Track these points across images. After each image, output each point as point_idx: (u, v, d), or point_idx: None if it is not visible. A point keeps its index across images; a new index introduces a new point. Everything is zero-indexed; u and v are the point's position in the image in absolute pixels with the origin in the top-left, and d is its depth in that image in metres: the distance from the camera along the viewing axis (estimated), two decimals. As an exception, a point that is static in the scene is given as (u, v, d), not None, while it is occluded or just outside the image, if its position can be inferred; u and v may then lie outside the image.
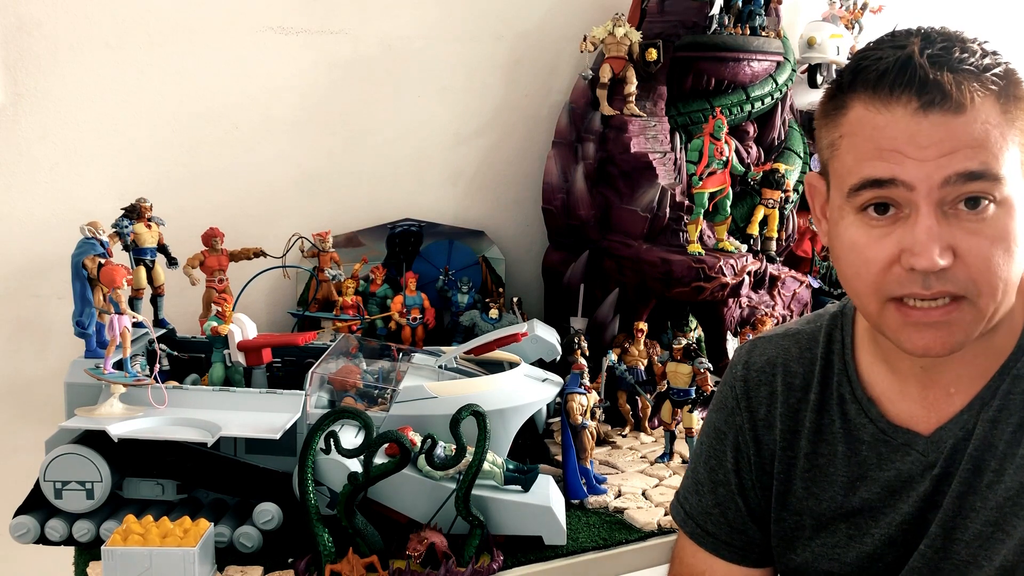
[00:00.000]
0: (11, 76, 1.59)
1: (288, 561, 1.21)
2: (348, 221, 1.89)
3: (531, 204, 2.02)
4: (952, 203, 0.81)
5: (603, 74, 1.80)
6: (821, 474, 0.99)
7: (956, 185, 0.80)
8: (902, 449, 0.94)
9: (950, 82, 0.79)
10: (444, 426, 1.22)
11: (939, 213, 0.81)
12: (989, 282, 0.82)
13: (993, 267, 0.81)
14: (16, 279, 1.66)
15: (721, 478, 1.06)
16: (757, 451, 1.04)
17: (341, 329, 1.70)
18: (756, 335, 1.14)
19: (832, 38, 2.09)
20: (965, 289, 0.82)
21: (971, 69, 0.79)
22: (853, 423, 0.97)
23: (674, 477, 1.54)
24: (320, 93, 1.84)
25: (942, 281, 0.81)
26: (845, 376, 0.99)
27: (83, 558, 1.23)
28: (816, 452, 1.00)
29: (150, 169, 1.72)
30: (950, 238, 0.80)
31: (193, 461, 1.29)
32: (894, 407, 0.96)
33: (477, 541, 1.21)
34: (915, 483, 0.93)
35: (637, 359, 1.71)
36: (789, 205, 1.96)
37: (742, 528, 1.06)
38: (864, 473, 0.96)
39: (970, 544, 0.90)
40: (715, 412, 1.09)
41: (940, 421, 0.92)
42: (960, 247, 0.81)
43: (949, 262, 0.80)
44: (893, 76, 0.81)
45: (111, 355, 1.26)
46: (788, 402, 1.02)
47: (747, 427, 1.04)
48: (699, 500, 1.08)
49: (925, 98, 0.79)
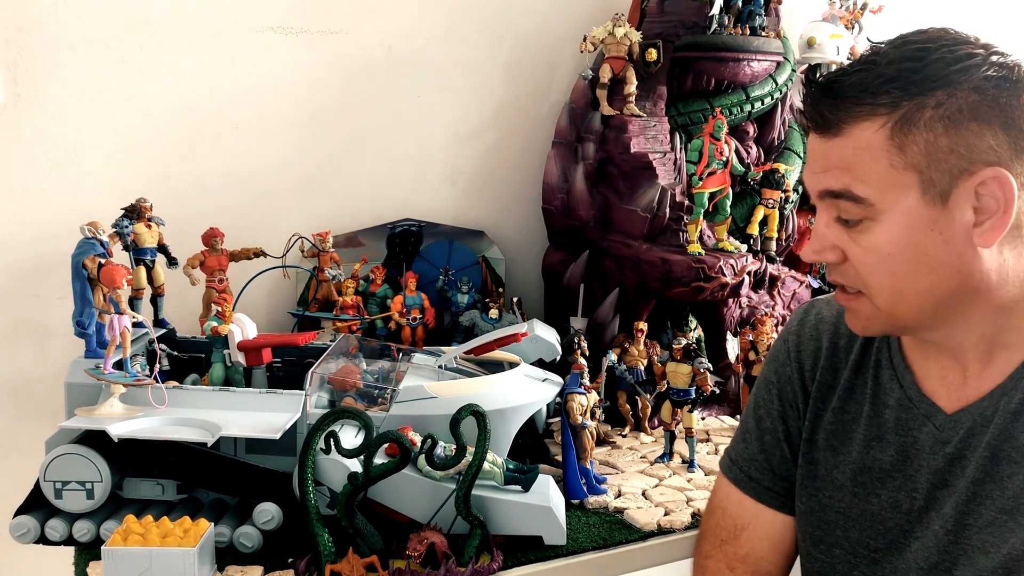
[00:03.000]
0: (11, 76, 1.59)
1: (288, 561, 1.21)
2: (348, 221, 1.89)
3: (531, 204, 2.02)
4: (837, 215, 0.91)
5: (603, 74, 1.80)
6: (843, 429, 1.06)
7: (828, 199, 0.91)
8: (920, 419, 0.99)
9: (825, 113, 0.89)
10: (444, 426, 1.22)
11: (830, 217, 0.93)
12: (876, 285, 0.91)
13: (876, 274, 0.91)
14: (16, 279, 1.66)
15: (768, 426, 1.14)
16: (804, 399, 1.11)
17: (341, 329, 1.70)
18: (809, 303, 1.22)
19: (832, 38, 2.09)
20: (856, 285, 0.94)
21: (854, 94, 0.86)
22: (884, 387, 1.03)
23: (674, 477, 1.54)
24: (320, 93, 1.84)
25: (837, 274, 0.95)
26: (886, 343, 1.05)
27: (83, 558, 1.23)
28: (844, 408, 1.06)
29: (150, 169, 1.72)
30: (838, 240, 0.92)
31: (193, 461, 1.29)
32: (923, 377, 1.01)
33: (477, 541, 1.21)
34: (926, 456, 0.98)
35: (637, 359, 1.71)
36: (789, 205, 1.96)
37: (783, 475, 1.12)
38: (881, 435, 1.02)
39: (982, 530, 0.93)
40: (768, 364, 1.17)
41: (961, 403, 0.97)
42: (846, 250, 0.92)
43: (836, 259, 0.93)
44: (803, 104, 0.93)
45: (111, 355, 1.26)
46: (831, 359, 1.09)
47: (795, 377, 1.12)
48: (745, 448, 1.16)
49: (812, 123, 0.91)
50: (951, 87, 0.84)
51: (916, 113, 0.84)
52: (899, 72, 0.85)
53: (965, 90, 0.83)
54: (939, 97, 0.83)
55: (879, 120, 0.85)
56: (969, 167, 0.84)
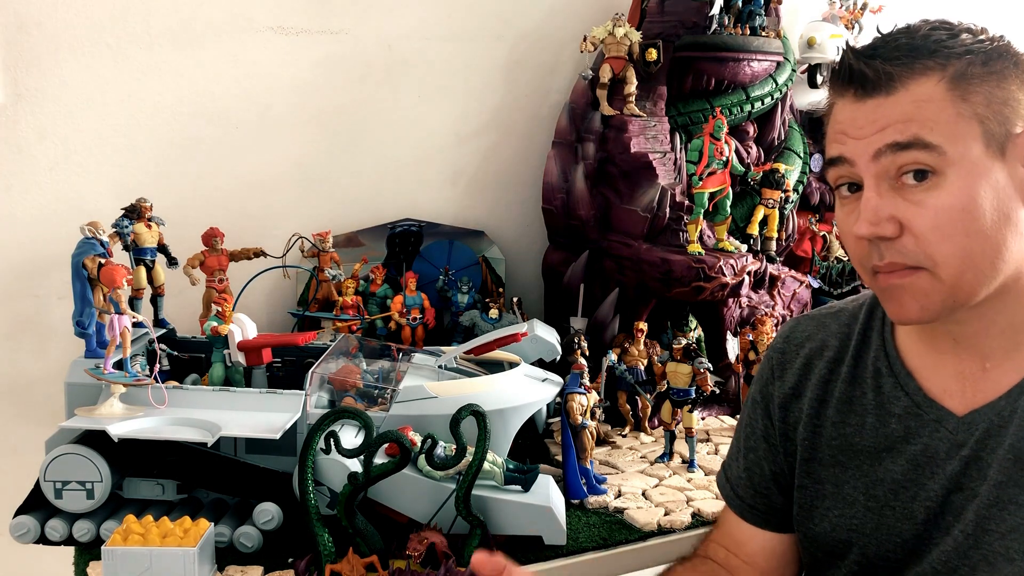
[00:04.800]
0: (11, 76, 1.59)
1: (288, 561, 1.21)
2: (348, 221, 1.89)
3: (531, 204, 2.02)
4: (896, 177, 0.86)
5: (603, 74, 1.80)
6: (847, 444, 1.02)
7: (889, 157, 0.86)
8: (931, 425, 0.96)
9: (879, 70, 0.86)
10: (444, 426, 1.22)
11: (883, 187, 0.87)
12: (942, 252, 0.85)
13: (944, 238, 0.85)
14: (16, 279, 1.66)
15: (752, 444, 1.12)
16: (783, 418, 1.08)
17: (341, 329, 1.70)
18: (799, 315, 1.20)
19: (832, 38, 2.09)
20: (917, 260, 0.86)
21: (904, 55, 0.86)
22: (887, 396, 1.00)
23: (674, 477, 1.54)
24: (320, 93, 1.84)
25: (892, 252, 0.87)
26: (883, 350, 1.02)
27: (83, 558, 1.23)
28: (844, 423, 1.03)
29: (150, 169, 1.72)
30: (893, 209, 0.86)
31: (193, 461, 1.29)
32: (929, 381, 0.98)
33: (477, 541, 1.21)
34: (941, 461, 0.94)
35: (637, 359, 1.71)
36: (789, 205, 1.96)
37: (766, 493, 1.11)
38: (891, 446, 0.98)
39: (1005, 536, 0.89)
40: (754, 383, 1.15)
41: (975, 402, 0.94)
42: (905, 218, 0.86)
43: (893, 232, 0.86)
44: (839, 73, 0.90)
45: (111, 355, 1.26)
46: (820, 374, 1.06)
47: (777, 396, 1.09)
48: (734, 465, 1.15)
49: (858, 87, 0.88)
50: (984, 53, 0.87)
51: (968, 68, 0.86)
52: (938, 37, 0.87)
53: (1001, 53, 0.87)
54: (981, 57, 0.86)
55: (935, 75, 0.86)
56: (1020, 121, 0.86)
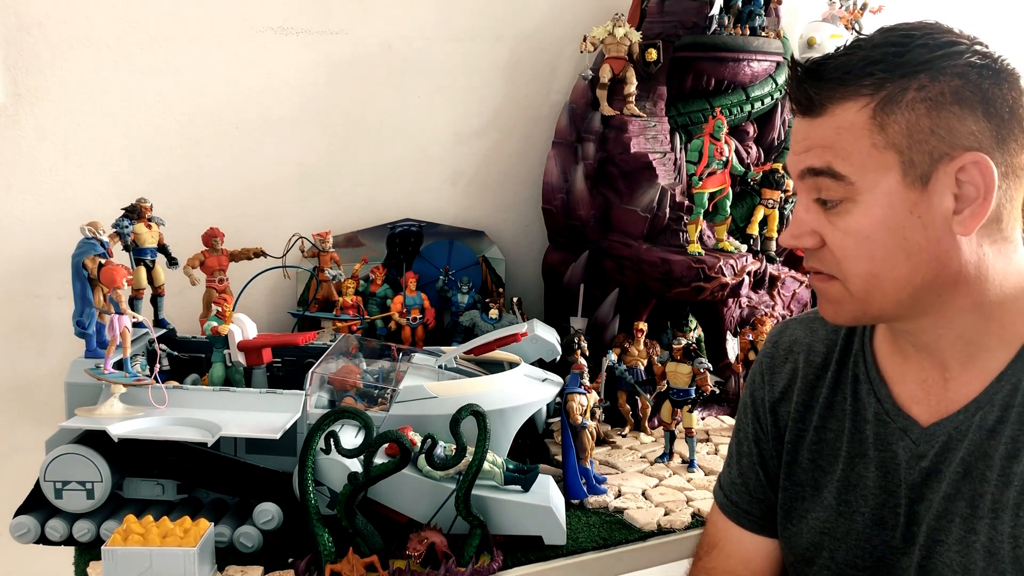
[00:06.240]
0: (11, 76, 1.59)
1: (288, 561, 1.21)
2: (348, 221, 1.89)
3: (531, 204, 2.02)
4: (818, 196, 0.90)
5: (603, 74, 1.80)
6: (827, 448, 1.04)
7: (810, 179, 0.90)
8: (898, 433, 0.97)
9: (813, 89, 0.89)
10: (444, 426, 1.22)
11: (809, 201, 0.92)
12: (850, 271, 0.90)
13: (849, 259, 0.89)
14: (16, 279, 1.66)
15: (745, 449, 1.13)
16: (774, 422, 1.10)
17: (341, 329, 1.70)
18: (789, 318, 1.22)
19: (832, 38, 2.09)
20: (831, 271, 0.92)
21: (837, 77, 0.87)
22: (862, 402, 1.01)
23: (674, 477, 1.54)
24: (320, 93, 1.84)
25: (814, 259, 0.94)
26: (862, 356, 1.03)
27: (83, 558, 1.23)
28: (825, 427, 1.04)
29: (150, 169, 1.72)
30: (815, 224, 0.91)
31: (193, 461, 1.29)
32: (899, 387, 0.99)
33: (477, 541, 1.21)
34: (904, 470, 0.96)
35: (637, 359, 1.71)
36: (789, 205, 1.96)
37: (761, 497, 1.11)
38: (863, 451, 1.00)
39: (950, 548, 0.90)
40: (746, 388, 1.17)
41: (938, 412, 0.94)
42: (823, 233, 0.91)
43: (814, 244, 0.92)
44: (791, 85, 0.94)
45: (111, 355, 1.26)
46: (807, 378, 1.07)
47: (767, 400, 1.10)
48: (728, 471, 1.16)
49: (796, 104, 0.91)
50: (934, 71, 0.84)
51: (899, 94, 0.84)
52: (883, 55, 0.85)
53: (948, 75, 0.83)
54: (922, 80, 0.84)
55: (862, 100, 0.85)
56: (950, 151, 0.83)
